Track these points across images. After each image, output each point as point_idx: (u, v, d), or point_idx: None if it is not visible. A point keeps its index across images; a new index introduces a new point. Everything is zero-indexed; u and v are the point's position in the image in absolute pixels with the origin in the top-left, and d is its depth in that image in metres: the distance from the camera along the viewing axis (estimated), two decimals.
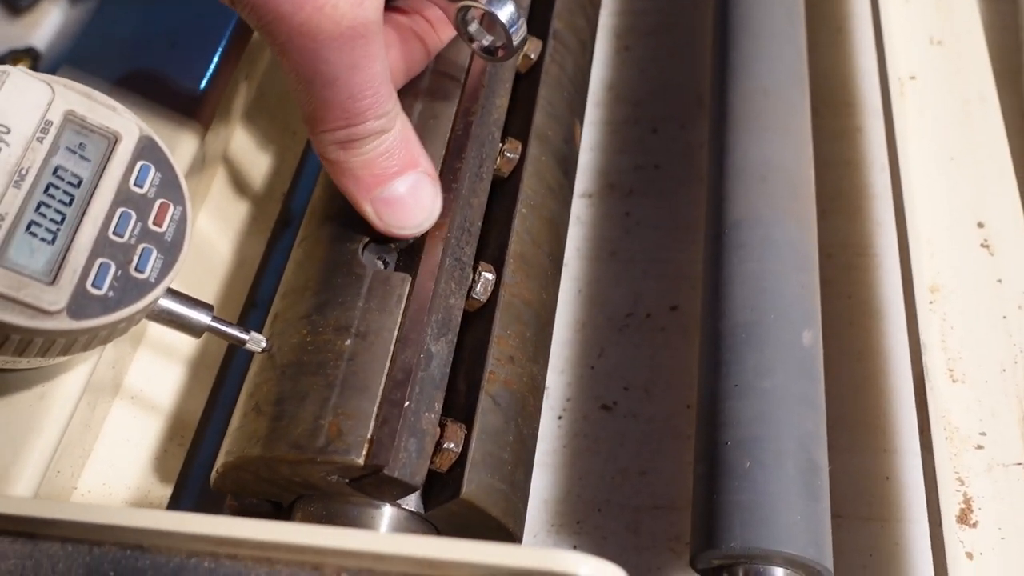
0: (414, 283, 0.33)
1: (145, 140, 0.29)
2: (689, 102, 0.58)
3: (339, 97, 0.30)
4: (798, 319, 0.38)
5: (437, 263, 0.33)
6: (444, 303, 0.33)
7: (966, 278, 0.40)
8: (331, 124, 0.31)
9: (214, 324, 0.31)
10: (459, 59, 0.40)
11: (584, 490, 0.44)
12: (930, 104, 0.47)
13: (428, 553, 0.21)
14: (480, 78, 0.39)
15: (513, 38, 0.35)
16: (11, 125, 0.26)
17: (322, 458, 0.29)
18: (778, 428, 0.35)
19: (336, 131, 0.31)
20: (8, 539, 0.25)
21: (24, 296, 0.25)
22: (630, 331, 0.49)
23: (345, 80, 0.30)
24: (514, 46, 0.35)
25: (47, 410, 0.30)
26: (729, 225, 0.41)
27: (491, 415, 0.31)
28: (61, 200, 0.26)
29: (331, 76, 0.30)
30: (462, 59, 0.40)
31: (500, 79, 0.40)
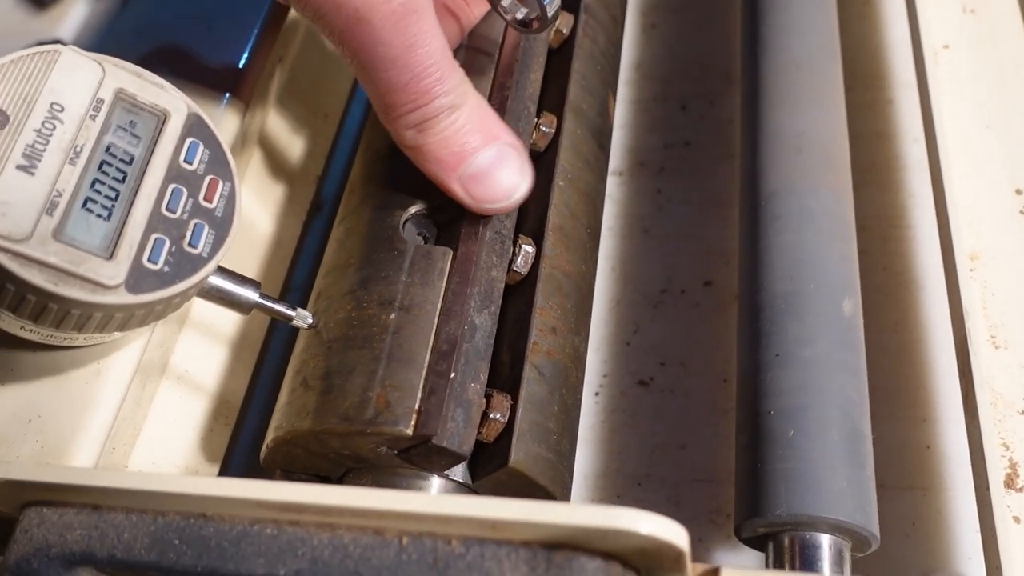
0: (455, 256, 0.33)
1: (193, 118, 0.29)
2: (718, 78, 0.58)
3: (403, 79, 0.30)
4: (838, 288, 0.38)
5: (478, 236, 0.34)
6: (486, 275, 0.33)
7: (1006, 244, 0.40)
8: (402, 108, 0.31)
9: (262, 301, 0.31)
10: (493, 34, 0.40)
11: (623, 465, 0.44)
12: (964, 73, 0.46)
13: (489, 513, 0.22)
14: (514, 53, 0.39)
15: (548, 9, 0.35)
16: (65, 103, 0.26)
17: (372, 429, 0.29)
18: (821, 396, 0.35)
19: (408, 115, 0.31)
20: (73, 510, 0.26)
21: (84, 271, 0.25)
22: (665, 307, 0.49)
23: (405, 60, 0.30)
24: (548, 18, 0.36)
25: (103, 386, 0.31)
26: (765, 197, 0.41)
27: (536, 385, 0.32)
28: (115, 177, 0.27)
29: (391, 57, 0.30)
30: (495, 34, 0.40)
31: (534, 54, 0.40)
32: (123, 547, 0.25)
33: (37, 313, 0.26)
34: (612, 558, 0.22)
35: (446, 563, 0.22)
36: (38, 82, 0.26)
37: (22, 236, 0.25)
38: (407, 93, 0.31)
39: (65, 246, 0.25)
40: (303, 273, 0.49)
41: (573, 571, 0.22)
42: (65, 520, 0.26)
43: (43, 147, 0.26)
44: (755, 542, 0.35)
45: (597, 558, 0.22)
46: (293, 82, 0.47)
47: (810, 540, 0.33)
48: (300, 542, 0.24)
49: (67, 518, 0.26)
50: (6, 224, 0.24)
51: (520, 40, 0.39)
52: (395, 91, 0.31)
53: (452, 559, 0.22)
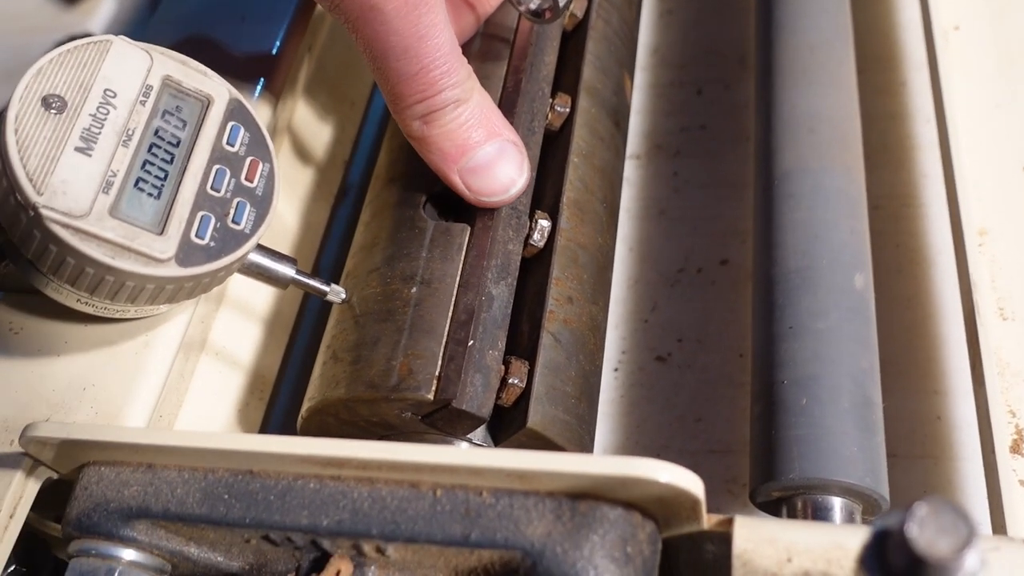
0: (473, 232, 0.35)
1: (234, 103, 0.31)
2: (733, 63, 0.59)
3: (412, 69, 0.32)
4: (850, 263, 0.39)
5: (494, 213, 0.35)
6: (503, 249, 0.35)
7: (1014, 220, 0.41)
8: (410, 99, 0.32)
9: (298, 277, 0.33)
10: (508, 22, 0.41)
11: (642, 437, 0.46)
12: (974, 53, 0.47)
13: (517, 465, 0.23)
14: (528, 38, 0.40)
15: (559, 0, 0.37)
16: (117, 89, 0.28)
17: (395, 395, 0.31)
18: (833, 366, 0.36)
19: (415, 105, 0.33)
20: (129, 469, 0.28)
21: (138, 245, 0.27)
22: (682, 286, 0.50)
23: (415, 50, 0.31)
24: (560, 7, 0.37)
25: (151, 357, 0.32)
26: (779, 176, 0.43)
27: (552, 351, 0.33)
28: (163, 158, 0.29)
29: (402, 47, 0.31)
30: (510, 21, 0.41)
31: (548, 37, 0.41)
32: (176, 501, 0.27)
33: (94, 285, 0.28)
34: (632, 507, 0.24)
35: (478, 512, 0.24)
36: (92, 70, 0.28)
37: (81, 213, 0.26)
38: (415, 83, 0.32)
39: (120, 222, 0.27)
40: (331, 255, 0.51)
41: (596, 519, 0.24)
42: (122, 477, 0.28)
43: (98, 130, 0.27)
44: (769, 507, 0.37)
45: (618, 507, 0.24)
46: (321, 71, 0.49)
47: (822, 503, 0.35)
48: (341, 495, 0.25)
49: (123, 476, 0.28)
50: (67, 202, 0.26)
51: (534, 26, 0.40)
52: (404, 81, 0.32)
53: (483, 509, 0.24)
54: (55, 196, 0.26)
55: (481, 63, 0.40)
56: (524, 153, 0.35)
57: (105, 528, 0.27)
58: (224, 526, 0.26)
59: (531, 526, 0.23)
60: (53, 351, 0.32)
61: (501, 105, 0.38)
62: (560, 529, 0.23)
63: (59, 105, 0.27)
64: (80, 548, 0.27)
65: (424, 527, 0.24)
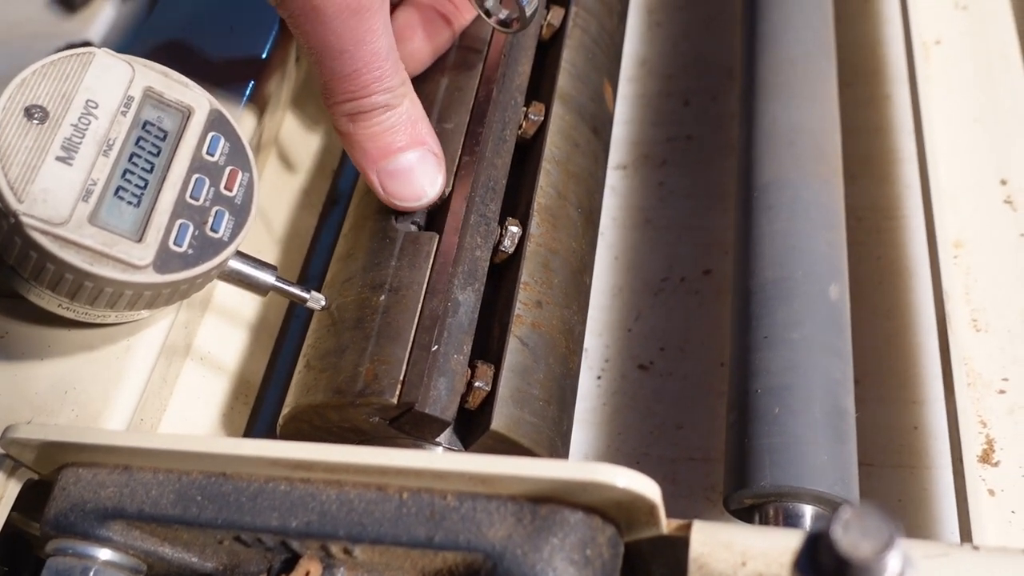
0: (440, 240, 0.36)
1: (215, 113, 0.32)
2: (720, 75, 0.59)
3: (346, 69, 0.33)
4: (825, 274, 0.40)
5: (461, 220, 0.36)
6: (470, 255, 0.35)
7: (990, 233, 0.42)
8: (340, 96, 0.34)
9: (278, 284, 0.34)
10: (483, 34, 0.42)
11: (623, 444, 0.46)
12: (954, 67, 0.48)
13: (480, 469, 0.24)
14: (501, 48, 0.41)
15: (526, 10, 0.38)
16: (99, 100, 0.29)
17: (361, 400, 0.32)
18: (806, 376, 0.37)
19: (345, 103, 0.34)
20: (106, 470, 0.28)
21: (116, 252, 0.28)
22: (665, 295, 0.51)
23: (351, 53, 0.32)
24: (527, 17, 0.38)
25: (132, 361, 0.33)
26: (759, 187, 0.43)
27: (519, 355, 0.34)
28: (143, 167, 0.29)
29: (339, 48, 0.32)
30: (485, 34, 0.42)
31: (522, 47, 0.42)
32: (151, 503, 0.27)
33: (74, 291, 0.28)
34: (593, 511, 0.24)
35: (442, 515, 0.25)
36: (75, 81, 0.29)
37: (61, 220, 0.27)
38: (348, 83, 0.33)
39: (99, 229, 0.28)
40: (319, 263, 0.52)
41: (557, 522, 0.24)
42: (99, 479, 0.28)
43: (79, 140, 0.28)
44: (742, 513, 0.37)
45: (579, 511, 0.24)
46: (310, 81, 0.50)
47: (793, 510, 0.35)
48: (310, 497, 0.26)
49: (100, 477, 0.28)
50: (46, 209, 0.27)
51: (508, 37, 0.41)
52: (337, 79, 0.33)
53: (447, 512, 0.25)
54: (35, 204, 0.27)
55: (456, 75, 0.41)
56: (443, 166, 0.37)
57: (81, 528, 0.28)
58: (197, 527, 0.27)
59: (493, 529, 0.24)
60: (36, 355, 0.33)
61: (472, 115, 0.39)
62: (521, 532, 0.24)
63: (41, 115, 0.28)
64: (57, 547, 0.28)
65: (390, 529, 0.25)
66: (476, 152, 0.38)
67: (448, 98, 0.40)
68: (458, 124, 0.39)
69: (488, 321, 0.35)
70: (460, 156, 0.38)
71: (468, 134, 0.38)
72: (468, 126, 0.39)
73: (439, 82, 0.41)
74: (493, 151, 0.38)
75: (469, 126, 0.39)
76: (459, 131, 0.39)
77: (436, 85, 0.41)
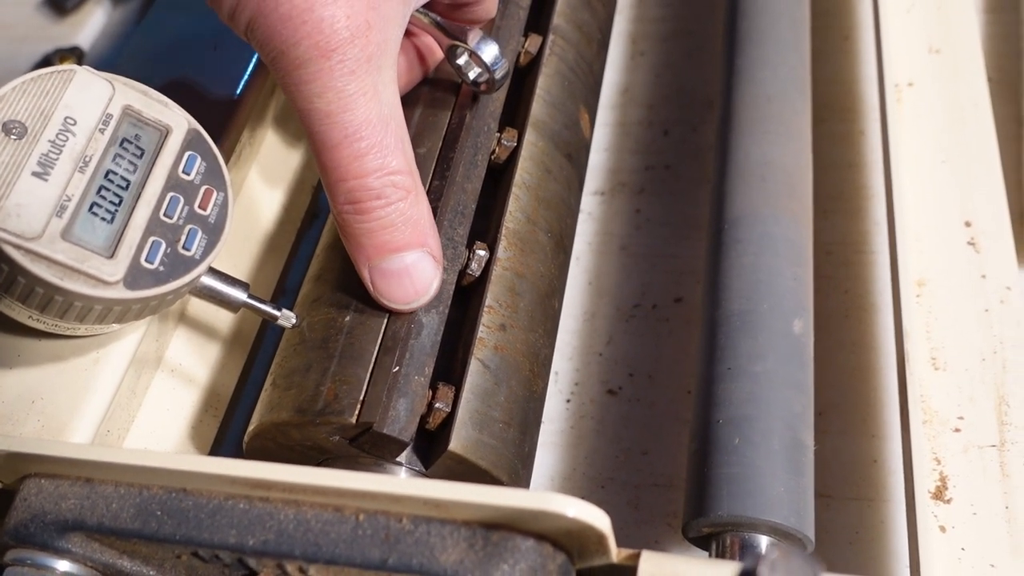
0: None
1: (193, 133, 0.32)
2: (700, 106, 0.60)
3: (333, 138, 0.30)
4: (790, 309, 0.41)
5: None
6: None
7: (952, 273, 0.43)
8: (334, 175, 0.31)
9: (249, 301, 0.34)
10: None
11: (589, 468, 0.47)
12: (926, 110, 0.49)
13: (434, 494, 0.24)
14: None
15: (496, 74, 0.40)
16: (77, 117, 0.29)
17: (320, 419, 0.32)
18: (767, 408, 0.38)
19: (339, 184, 0.31)
20: (68, 482, 0.29)
21: (87, 268, 0.28)
22: (637, 321, 0.51)
23: (338, 118, 0.29)
24: (496, 81, 0.40)
25: (100, 373, 0.33)
26: (729, 221, 0.44)
27: (479, 377, 0.34)
28: (119, 184, 0.30)
29: (324, 110, 0.29)
30: None
31: None
32: (111, 516, 0.28)
33: (44, 304, 0.29)
34: (544, 539, 0.25)
35: (396, 538, 0.25)
36: (55, 98, 0.29)
37: (33, 235, 0.28)
38: (336, 157, 0.30)
39: (72, 245, 0.28)
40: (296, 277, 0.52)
41: (508, 549, 0.25)
42: (60, 491, 0.28)
43: (56, 156, 0.29)
44: (700, 541, 0.38)
45: (531, 538, 0.25)
46: None
47: (749, 540, 0.36)
48: (268, 516, 0.26)
49: (62, 489, 0.29)
50: (20, 224, 0.27)
51: None
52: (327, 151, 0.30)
53: (402, 535, 0.25)
54: (9, 218, 0.27)
55: (431, 101, 0.42)
56: (440, 269, 0.34)
57: (41, 539, 0.28)
58: (156, 541, 0.27)
59: (445, 553, 0.25)
60: (4, 363, 0.33)
61: (445, 140, 0.40)
62: (472, 557, 0.24)
63: (19, 131, 0.28)
64: (16, 557, 0.28)
65: (345, 550, 0.25)
66: (447, 177, 0.38)
67: (423, 123, 0.41)
68: (431, 148, 0.40)
69: (452, 343, 0.36)
70: (431, 180, 0.39)
71: (440, 158, 0.39)
72: (440, 151, 0.40)
73: (415, 108, 0.41)
74: (464, 176, 0.39)
75: (441, 151, 0.40)
76: (431, 155, 0.40)
77: (412, 111, 0.41)
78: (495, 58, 0.39)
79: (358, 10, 0.30)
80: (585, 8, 0.50)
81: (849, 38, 0.62)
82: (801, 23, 0.53)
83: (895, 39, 0.51)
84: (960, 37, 0.52)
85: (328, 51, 0.29)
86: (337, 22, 0.30)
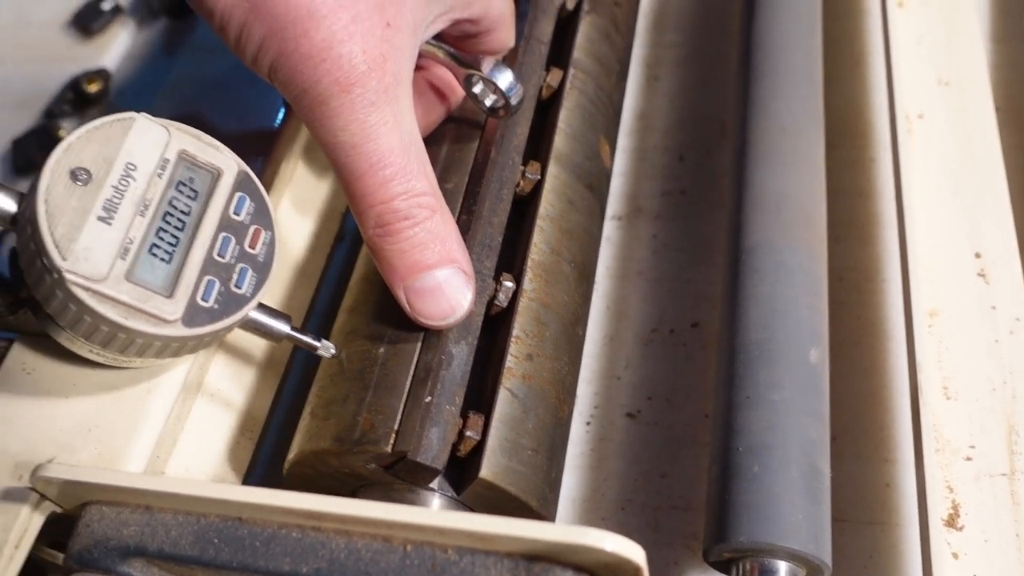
0: None
1: (242, 174, 0.34)
2: (715, 131, 0.62)
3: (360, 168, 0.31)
4: (806, 338, 0.42)
5: None
6: None
7: (963, 304, 0.44)
8: (362, 203, 0.32)
9: (291, 332, 0.36)
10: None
11: (609, 490, 0.48)
12: (936, 141, 0.51)
13: (478, 528, 0.26)
14: None
15: (511, 100, 0.41)
16: (137, 163, 0.31)
17: (358, 448, 0.34)
18: (784, 437, 0.39)
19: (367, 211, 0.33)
20: (128, 510, 0.30)
21: (149, 307, 0.30)
22: (654, 345, 0.53)
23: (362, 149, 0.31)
24: (513, 107, 0.41)
25: (153, 402, 0.35)
26: (746, 251, 0.46)
27: (508, 406, 0.36)
28: (176, 226, 0.32)
29: (349, 143, 0.31)
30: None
31: (522, 109, 0.44)
32: (170, 542, 0.29)
33: (107, 341, 0.30)
34: (582, 570, 0.27)
35: (443, 568, 0.27)
36: (117, 145, 0.31)
37: (100, 277, 0.29)
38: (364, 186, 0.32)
39: (134, 286, 0.30)
40: (325, 298, 0.54)
41: None
42: (121, 518, 0.30)
43: (119, 201, 0.30)
44: (721, 566, 0.39)
45: (569, 570, 0.26)
46: None
47: (768, 565, 0.37)
48: (320, 545, 0.28)
49: (123, 516, 0.30)
50: (88, 267, 0.29)
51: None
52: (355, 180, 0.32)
53: (448, 565, 0.27)
54: (78, 261, 0.29)
55: (457, 137, 0.43)
56: (472, 283, 0.36)
57: (104, 564, 0.29)
58: (213, 568, 0.29)
59: None
60: (62, 393, 0.35)
61: (471, 176, 0.41)
62: None
63: (85, 178, 0.30)
64: None
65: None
66: (474, 211, 0.40)
67: (449, 159, 0.43)
68: (457, 184, 0.41)
69: (482, 372, 0.37)
70: (459, 215, 0.40)
71: (467, 194, 0.41)
72: (467, 186, 0.41)
73: (441, 144, 0.43)
74: (490, 210, 0.41)
75: (468, 186, 0.41)
76: (458, 191, 0.41)
77: (438, 147, 0.43)
78: (510, 84, 0.40)
79: (372, 44, 0.32)
80: (604, 41, 0.51)
81: (860, 64, 0.63)
82: (814, 53, 0.55)
83: (905, 71, 0.53)
84: (969, 69, 0.54)
85: (348, 85, 0.31)
86: (355, 57, 0.31)
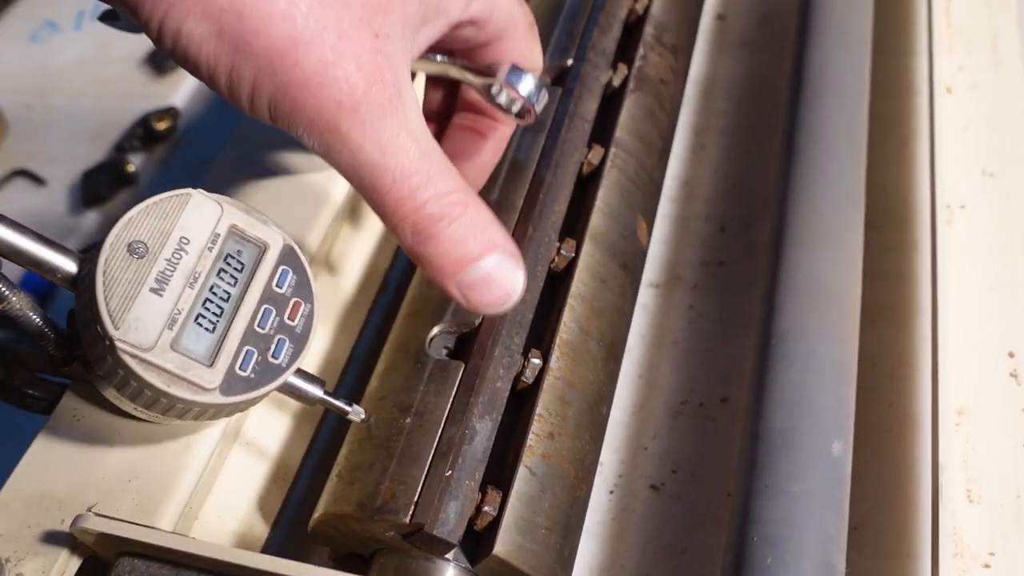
0: (466, 369, 0.39)
1: (287, 248, 0.36)
2: (758, 203, 0.62)
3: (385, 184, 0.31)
4: (830, 430, 0.42)
5: (486, 352, 0.40)
6: (491, 387, 0.39)
7: (993, 403, 0.44)
8: (395, 216, 0.32)
9: (324, 397, 0.38)
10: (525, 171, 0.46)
11: (628, 562, 0.49)
12: (976, 234, 0.51)
13: None
14: (541, 187, 0.45)
15: (535, 107, 0.39)
16: (191, 237, 0.33)
17: (378, 516, 0.36)
18: (801, 530, 0.39)
19: (402, 221, 0.32)
20: (158, 564, 0.32)
21: (190, 376, 0.32)
22: (683, 418, 0.53)
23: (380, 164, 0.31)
24: (538, 111, 0.40)
25: (191, 457, 0.37)
26: (776, 335, 0.46)
27: (526, 484, 0.37)
28: (221, 297, 0.34)
29: (369, 162, 0.31)
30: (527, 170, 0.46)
31: (561, 186, 0.46)
32: None
33: (150, 403, 0.32)
34: None
35: None
36: (173, 220, 0.33)
37: (148, 346, 0.31)
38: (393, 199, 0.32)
39: (179, 355, 0.32)
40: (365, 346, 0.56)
41: None
42: (151, 571, 0.32)
43: (171, 273, 0.32)
44: None
45: None
46: None
47: None
48: None
49: (152, 570, 0.32)
50: (137, 336, 0.31)
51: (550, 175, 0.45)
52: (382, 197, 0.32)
53: None
54: (129, 331, 0.31)
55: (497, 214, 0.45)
56: (520, 261, 0.35)
57: None
58: None
59: None
60: (107, 442, 0.37)
61: None
62: None
63: (142, 251, 0.32)
64: None
65: None
66: None
67: None
68: None
69: (504, 447, 0.38)
70: None
71: None
72: None
73: None
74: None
75: None
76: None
77: None
78: (531, 90, 0.38)
79: (365, 59, 0.31)
80: (648, 119, 0.52)
81: (908, 145, 0.63)
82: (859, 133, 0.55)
83: (949, 160, 0.53)
84: (1014, 161, 0.53)
85: (354, 104, 0.31)
86: (351, 76, 0.30)
